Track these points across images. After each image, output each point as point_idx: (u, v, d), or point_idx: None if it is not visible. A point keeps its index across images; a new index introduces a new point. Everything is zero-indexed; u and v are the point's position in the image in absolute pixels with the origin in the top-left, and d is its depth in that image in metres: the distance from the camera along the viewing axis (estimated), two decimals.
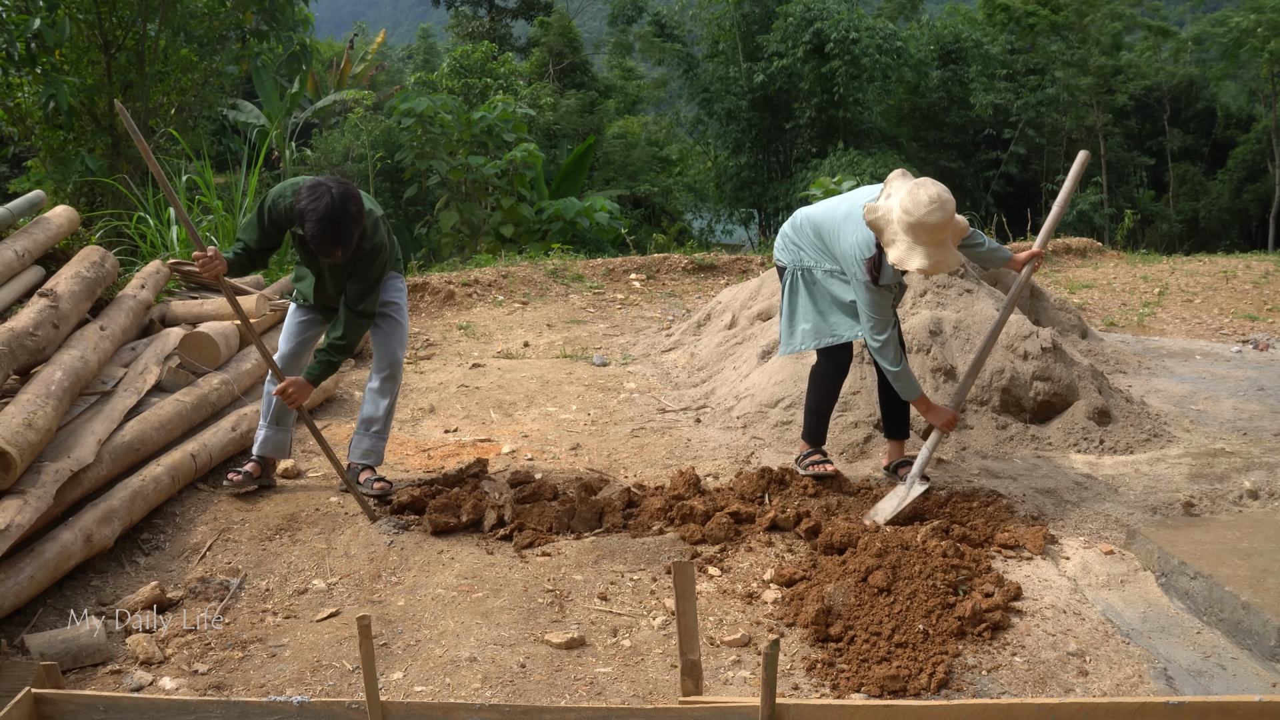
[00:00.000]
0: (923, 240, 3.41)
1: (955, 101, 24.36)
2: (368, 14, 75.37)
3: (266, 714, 2.01)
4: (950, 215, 3.40)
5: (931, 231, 3.39)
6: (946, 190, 3.44)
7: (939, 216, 3.37)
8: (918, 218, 3.37)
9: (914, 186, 3.44)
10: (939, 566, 3.09)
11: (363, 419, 4.09)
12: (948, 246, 3.45)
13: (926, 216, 3.37)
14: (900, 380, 3.78)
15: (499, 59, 18.96)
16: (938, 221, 3.37)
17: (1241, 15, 24.72)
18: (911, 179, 3.52)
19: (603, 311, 8.23)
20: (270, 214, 3.69)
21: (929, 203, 3.37)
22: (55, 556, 3.02)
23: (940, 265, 3.44)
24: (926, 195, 3.39)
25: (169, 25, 8.70)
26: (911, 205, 3.40)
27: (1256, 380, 5.85)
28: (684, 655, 2.06)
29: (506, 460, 4.50)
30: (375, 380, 4.08)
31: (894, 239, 3.45)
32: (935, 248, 3.42)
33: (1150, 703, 1.93)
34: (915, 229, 3.39)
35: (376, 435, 4.07)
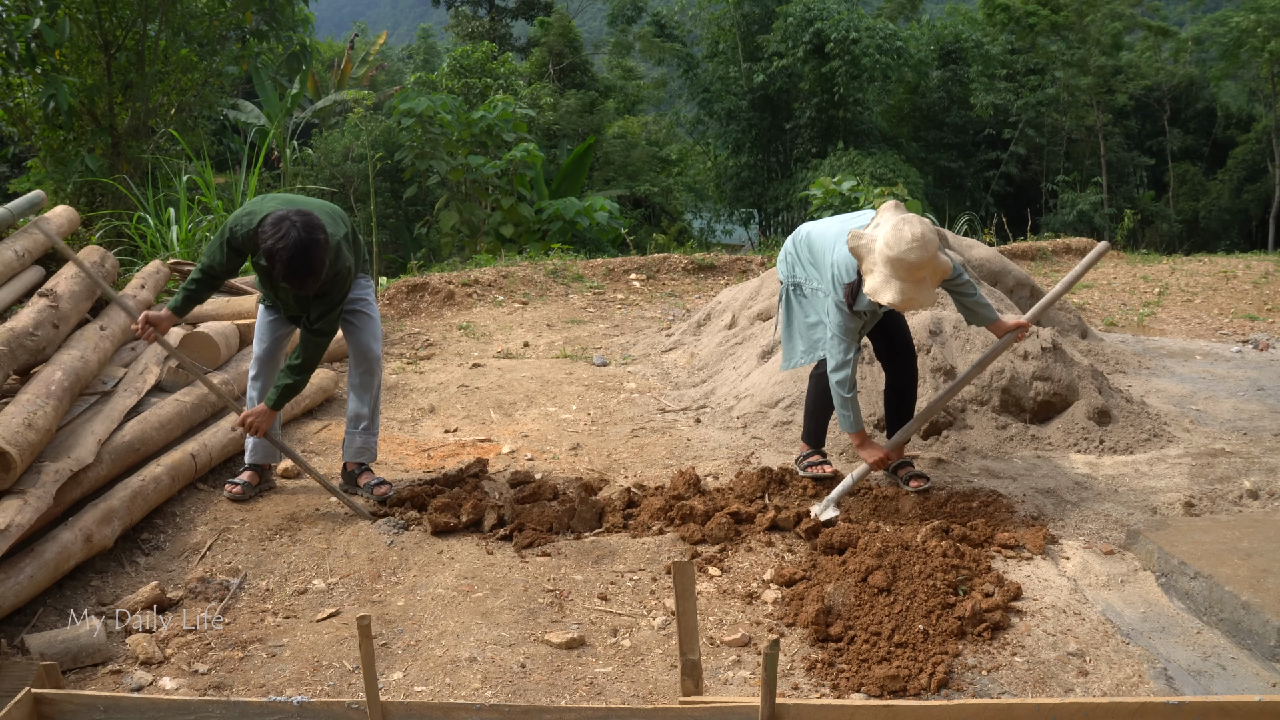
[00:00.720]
0: (899, 275, 3.42)
1: (955, 101, 24.37)
2: (368, 14, 75.39)
3: (266, 714, 2.01)
4: (930, 256, 3.41)
5: (909, 269, 3.40)
6: (932, 231, 3.46)
7: (918, 255, 3.39)
8: (897, 253, 3.39)
9: (900, 222, 3.46)
10: (939, 566, 3.09)
11: (350, 417, 4.07)
12: (924, 286, 3.46)
13: (906, 253, 3.39)
14: (845, 409, 3.80)
15: (499, 59, 18.96)
16: (916, 260, 3.39)
17: (1241, 15, 24.73)
18: (901, 213, 3.53)
19: (603, 311, 8.23)
20: (231, 242, 3.62)
21: (910, 240, 3.39)
22: (55, 556, 3.02)
23: (912, 303, 3.45)
24: (910, 232, 3.41)
25: (169, 25, 8.70)
26: (894, 240, 3.42)
27: (1256, 380, 5.85)
28: (684, 655, 2.06)
29: (506, 460, 4.50)
30: (355, 377, 4.05)
31: (872, 269, 3.48)
32: (911, 284, 3.43)
33: (1150, 703, 1.93)
34: (894, 264, 3.41)
35: (366, 431, 4.06)
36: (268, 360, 3.96)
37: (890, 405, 4.12)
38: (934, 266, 3.48)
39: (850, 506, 3.72)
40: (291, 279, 3.43)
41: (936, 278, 3.52)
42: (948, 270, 3.55)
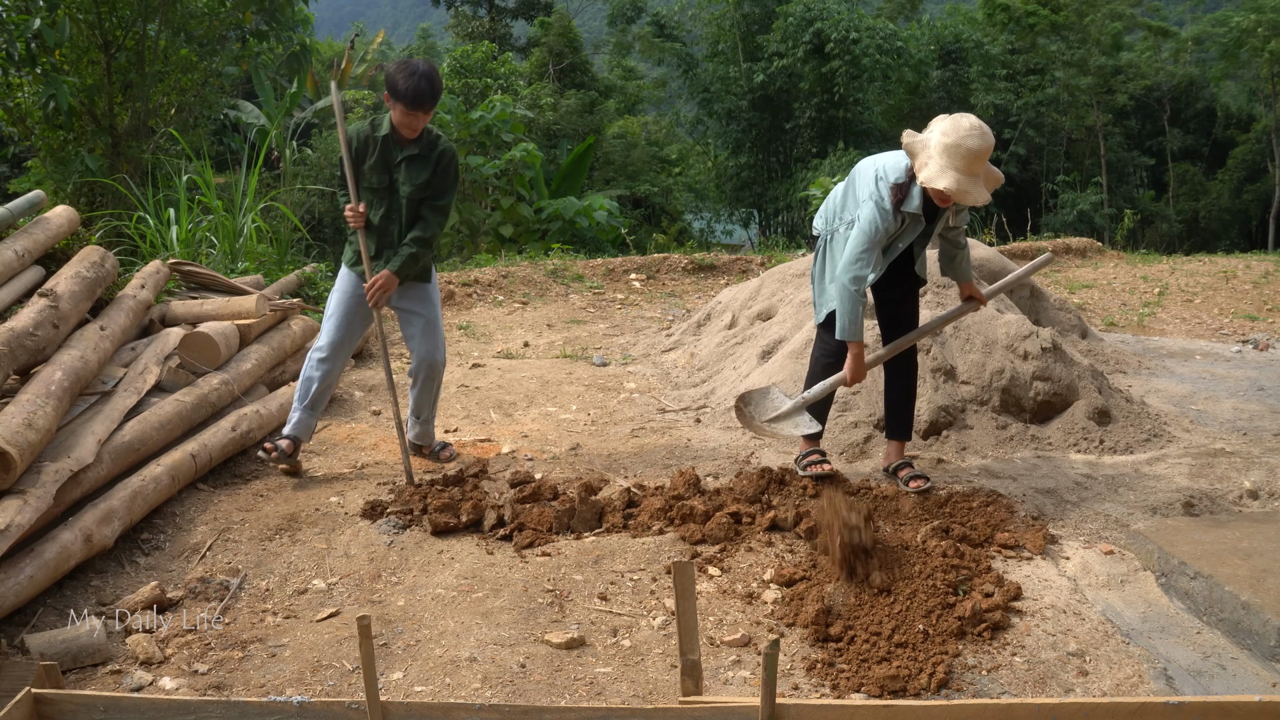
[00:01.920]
0: (956, 164, 3.41)
1: (955, 101, 24.37)
2: (368, 14, 75.39)
3: (266, 714, 2.01)
4: (988, 148, 3.40)
5: (967, 157, 3.39)
6: (988, 127, 3.46)
7: (977, 143, 3.38)
8: (956, 139, 3.39)
9: (959, 115, 3.48)
10: (939, 566, 3.09)
11: (411, 409, 4.45)
12: (978, 181, 3.44)
13: (965, 139, 3.38)
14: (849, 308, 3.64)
15: (499, 59, 18.96)
16: (975, 147, 3.38)
17: (1241, 15, 24.74)
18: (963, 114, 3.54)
19: (603, 311, 8.23)
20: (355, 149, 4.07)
21: (970, 128, 3.40)
22: (55, 556, 3.02)
23: (966, 195, 3.42)
24: (969, 122, 3.43)
25: (169, 25, 8.69)
26: (952, 128, 3.42)
27: (1256, 380, 5.85)
28: (684, 655, 2.06)
29: (506, 460, 4.50)
30: (416, 385, 4.39)
31: (928, 161, 3.46)
32: (967, 176, 3.41)
33: (1150, 703, 1.93)
34: (951, 151, 3.40)
35: (425, 421, 4.45)
36: (340, 347, 4.24)
37: (890, 401, 4.11)
38: (990, 170, 3.48)
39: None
40: (413, 93, 3.91)
41: (990, 180, 3.51)
42: (1000, 178, 3.54)
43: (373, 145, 4.07)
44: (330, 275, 7.90)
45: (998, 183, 3.55)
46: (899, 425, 4.12)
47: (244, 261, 7.27)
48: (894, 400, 4.10)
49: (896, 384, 4.07)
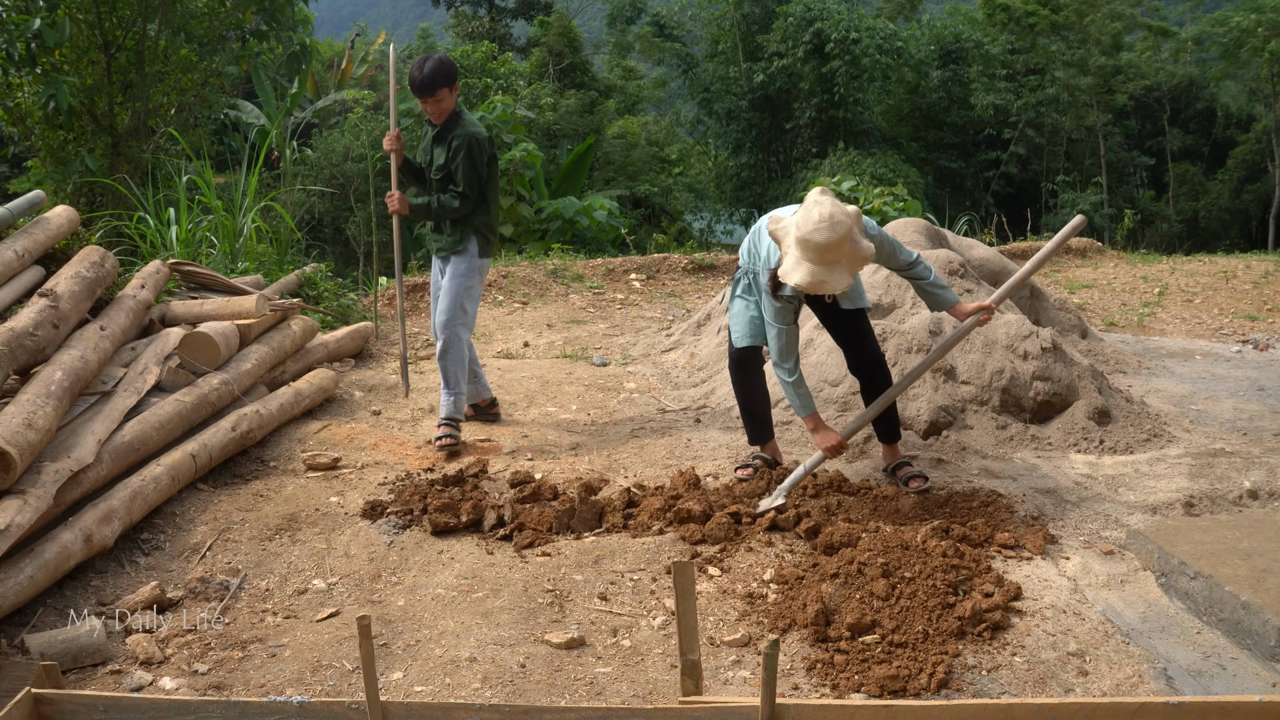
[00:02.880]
0: (809, 257, 3.40)
1: (955, 101, 24.39)
2: (368, 14, 75.38)
3: (266, 714, 2.01)
4: (839, 237, 3.35)
5: (818, 250, 3.37)
6: (843, 213, 3.40)
7: (824, 236, 3.35)
8: (804, 233, 3.37)
9: (812, 203, 3.43)
10: (939, 566, 3.09)
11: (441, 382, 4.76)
12: (837, 269, 3.41)
13: (812, 234, 3.36)
14: (792, 394, 3.83)
15: (499, 59, 18.96)
16: (823, 241, 3.35)
17: (1241, 15, 24.75)
18: (822, 196, 3.48)
19: (603, 311, 8.23)
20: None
21: (818, 221, 3.36)
22: (55, 556, 3.02)
23: (821, 286, 3.42)
24: (818, 213, 3.38)
25: (169, 25, 8.69)
26: (803, 220, 3.40)
27: (1256, 380, 5.85)
28: (684, 655, 2.06)
29: (506, 460, 4.50)
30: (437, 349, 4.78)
31: (787, 251, 3.48)
32: (822, 267, 3.40)
33: (1150, 703, 1.93)
34: (803, 245, 3.39)
35: (447, 391, 4.69)
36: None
37: (865, 399, 4.12)
38: (846, 249, 3.41)
39: (850, 506, 3.71)
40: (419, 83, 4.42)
41: (855, 262, 3.46)
42: (867, 255, 3.48)
43: (425, 132, 4.73)
44: (330, 275, 7.90)
45: (865, 261, 3.50)
46: (886, 429, 4.13)
47: (244, 261, 7.27)
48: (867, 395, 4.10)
49: (870, 390, 4.05)
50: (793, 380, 3.81)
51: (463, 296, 4.69)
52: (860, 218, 3.53)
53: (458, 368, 4.71)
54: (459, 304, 4.69)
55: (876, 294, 5.34)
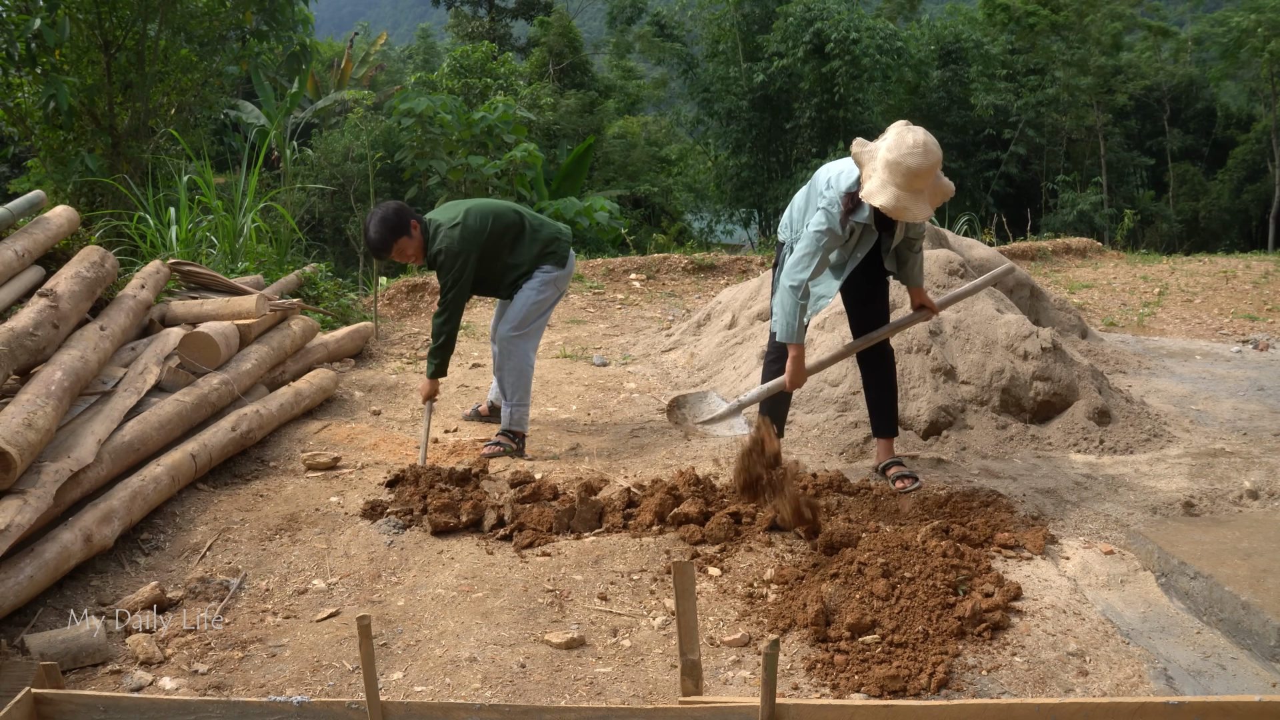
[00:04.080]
0: (897, 181, 3.36)
1: (955, 101, 24.37)
2: (368, 14, 75.39)
3: (266, 714, 2.01)
4: (931, 165, 3.34)
5: (908, 175, 3.34)
6: (935, 143, 3.39)
7: (918, 161, 3.33)
8: (897, 156, 3.35)
9: (905, 129, 3.42)
10: (939, 566, 3.09)
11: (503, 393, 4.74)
12: (921, 198, 3.39)
13: (905, 157, 3.33)
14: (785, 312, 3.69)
15: (499, 59, 18.95)
16: (915, 166, 3.33)
17: (1241, 15, 24.74)
18: (909, 126, 3.47)
19: (603, 311, 8.23)
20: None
21: (912, 145, 3.34)
22: (55, 556, 3.02)
23: (905, 212, 3.38)
24: (913, 138, 3.36)
25: (169, 25, 8.69)
26: (895, 144, 3.38)
27: (1256, 380, 5.85)
28: (684, 655, 2.06)
29: (506, 460, 4.50)
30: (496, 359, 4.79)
31: (871, 174, 3.43)
32: (908, 193, 3.37)
33: (1150, 703, 1.92)
34: (893, 167, 3.36)
35: (508, 405, 4.67)
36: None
37: (870, 399, 4.13)
38: (934, 180, 3.41)
39: (850, 506, 3.71)
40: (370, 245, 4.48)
41: (936, 196, 3.45)
42: (949, 192, 3.49)
43: None
44: (330, 275, 7.90)
45: (945, 196, 3.49)
46: (883, 422, 4.12)
47: (244, 261, 7.27)
48: (873, 398, 4.10)
49: (873, 380, 4.07)
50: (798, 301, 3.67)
51: (530, 308, 4.65)
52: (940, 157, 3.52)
53: (515, 379, 4.64)
54: (524, 315, 4.64)
55: None
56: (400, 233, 4.42)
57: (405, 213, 4.45)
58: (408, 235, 4.44)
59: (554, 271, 4.68)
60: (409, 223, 4.44)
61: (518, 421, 4.64)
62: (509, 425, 4.63)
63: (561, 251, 4.72)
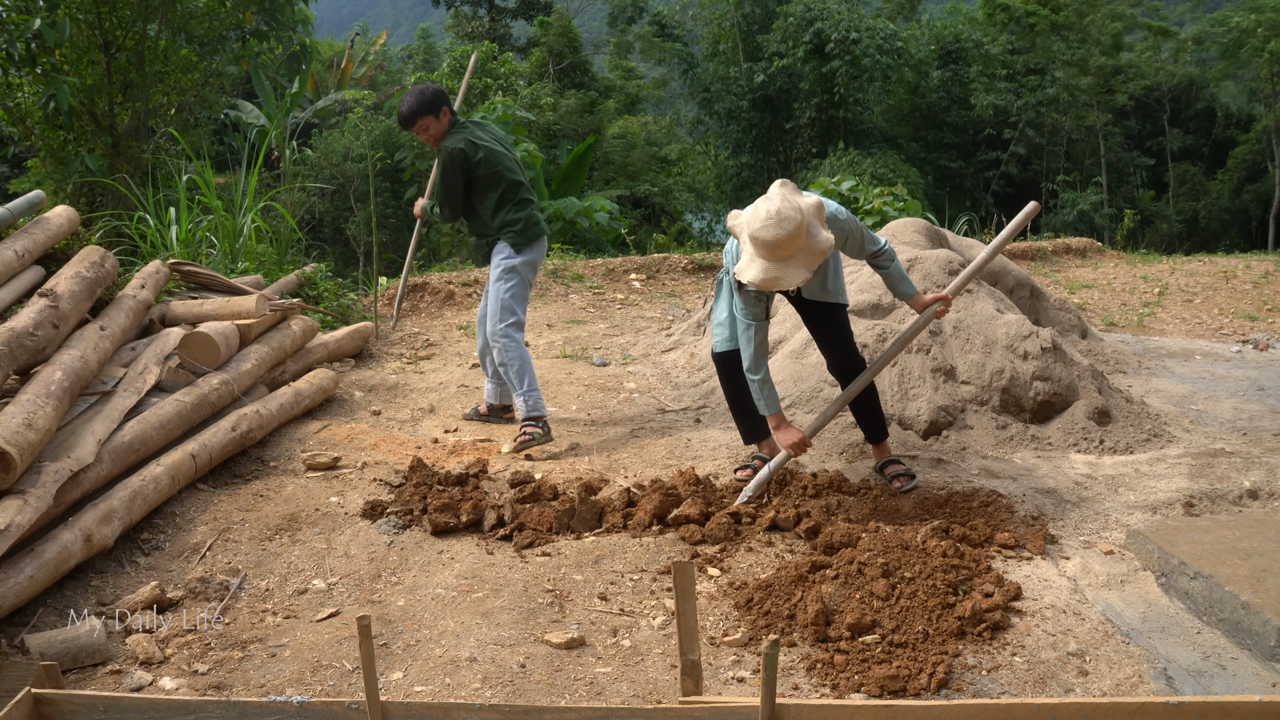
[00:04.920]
0: (761, 254, 3.36)
1: (955, 101, 24.38)
2: (368, 14, 75.40)
3: (266, 714, 2.01)
4: (788, 234, 3.30)
5: (768, 247, 3.33)
6: (793, 208, 3.33)
7: (773, 234, 3.30)
8: (753, 230, 3.34)
9: (764, 199, 3.39)
10: (939, 566, 3.09)
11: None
12: (791, 264, 3.36)
13: (760, 231, 3.32)
14: (758, 392, 3.79)
15: (499, 59, 18.95)
16: (771, 239, 3.31)
17: (1241, 15, 24.75)
18: (779, 190, 3.42)
19: (603, 311, 8.23)
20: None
21: (765, 218, 3.32)
22: (55, 556, 3.02)
23: (775, 283, 3.38)
24: (765, 210, 3.33)
25: (169, 25, 8.69)
26: (752, 218, 3.36)
27: (1256, 380, 5.85)
28: (684, 655, 2.06)
29: (506, 460, 4.50)
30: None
31: (744, 248, 3.45)
32: (775, 263, 3.35)
33: (1150, 703, 1.92)
34: (754, 242, 3.35)
35: (519, 395, 4.72)
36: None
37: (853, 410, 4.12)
38: (800, 244, 3.35)
39: (850, 506, 3.71)
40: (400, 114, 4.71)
41: (812, 256, 3.39)
42: (824, 249, 3.39)
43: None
44: (330, 275, 7.90)
45: (822, 255, 3.41)
46: (871, 429, 4.13)
47: (244, 261, 7.27)
48: (854, 407, 4.09)
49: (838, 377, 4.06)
50: (759, 379, 3.76)
51: (505, 298, 4.78)
52: (820, 209, 3.46)
53: (518, 368, 4.73)
54: (503, 306, 4.77)
55: (877, 294, 5.33)
56: (429, 111, 4.64)
57: (442, 97, 4.67)
58: (434, 116, 4.65)
59: (511, 255, 4.79)
60: (441, 108, 4.66)
61: (533, 406, 4.70)
62: (528, 412, 4.69)
63: (523, 236, 4.79)
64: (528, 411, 4.71)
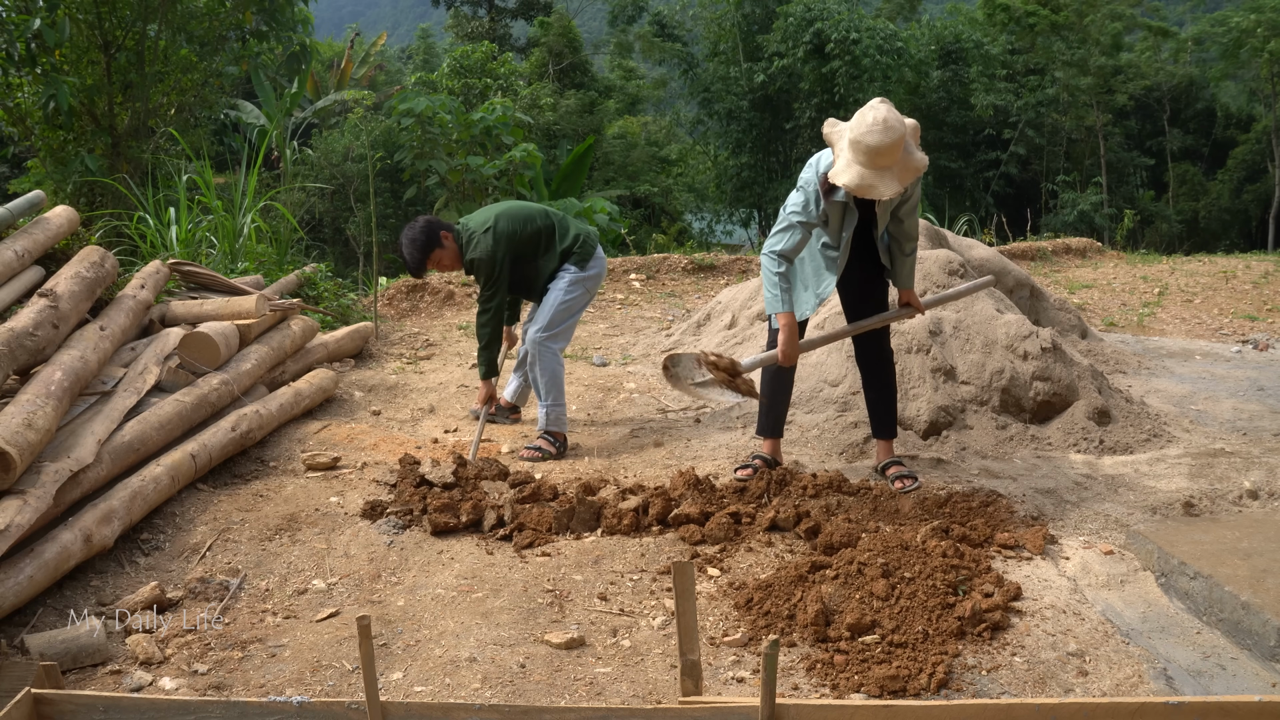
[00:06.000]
0: (859, 159, 3.37)
1: (955, 102, 24.37)
2: (368, 14, 75.42)
3: (266, 714, 2.01)
4: (891, 142, 3.33)
5: (869, 153, 3.35)
6: (899, 119, 3.37)
7: (877, 139, 3.32)
8: (857, 135, 3.35)
9: (869, 107, 3.42)
10: (939, 567, 3.09)
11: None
12: (887, 175, 3.38)
13: (865, 135, 3.34)
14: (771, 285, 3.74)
15: (499, 59, 18.95)
16: (875, 144, 3.33)
17: (1241, 15, 24.75)
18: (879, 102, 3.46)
19: (603, 311, 8.23)
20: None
21: (872, 124, 3.34)
22: (55, 556, 3.02)
23: (871, 190, 3.39)
24: (873, 116, 3.36)
25: (169, 25, 8.69)
26: (857, 123, 3.38)
27: (1256, 380, 5.85)
28: (684, 655, 2.06)
29: (506, 460, 4.50)
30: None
31: (840, 154, 3.46)
32: (871, 171, 3.37)
33: (1150, 703, 1.92)
34: (855, 146, 3.37)
35: (543, 406, 4.67)
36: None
37: (868, 400, 4.14)
38: (898, 156, 3.38)
39: (850, 506, 3.71)
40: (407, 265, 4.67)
41: (907, 172, 3.43)
42: (920, 167, 3.45)
43: None
44: (330, 275, 7.90)
45: (916, 172, 3.45)
46: (882, 424, 4.13)
47: (244, 261, 7.27)
48: (872, 399, 4.11)
49: (872, 382, 4.08)
50: (779, 271, 3.72)
51: (559, 310, 4.69)
52: (917, 131, 3.51)
53: (549, 380, 4.66)
54: (553, 317, 4.69)
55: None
56: (432, 247, 4.59)
57: (434, 226, 4.59)
58: (440, 247, 4.60)
59: (578, 272, 4.72)
60: (439, 235, 4.59)
61: (555, 421, 4.65)
62: (548, 426, 4.65)
63: (585, 251, 4.75)
64: (549, 425, 4.65)
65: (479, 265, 4.59)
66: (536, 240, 4.68)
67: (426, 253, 4.58)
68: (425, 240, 4.57)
